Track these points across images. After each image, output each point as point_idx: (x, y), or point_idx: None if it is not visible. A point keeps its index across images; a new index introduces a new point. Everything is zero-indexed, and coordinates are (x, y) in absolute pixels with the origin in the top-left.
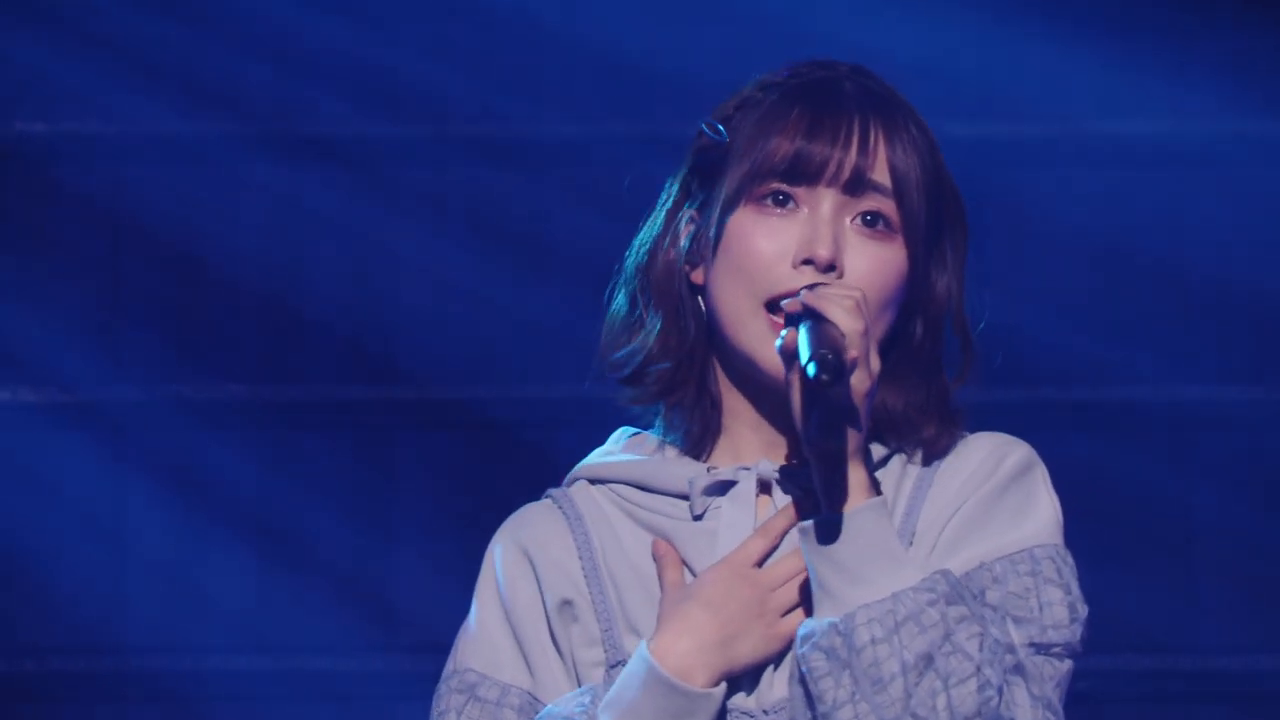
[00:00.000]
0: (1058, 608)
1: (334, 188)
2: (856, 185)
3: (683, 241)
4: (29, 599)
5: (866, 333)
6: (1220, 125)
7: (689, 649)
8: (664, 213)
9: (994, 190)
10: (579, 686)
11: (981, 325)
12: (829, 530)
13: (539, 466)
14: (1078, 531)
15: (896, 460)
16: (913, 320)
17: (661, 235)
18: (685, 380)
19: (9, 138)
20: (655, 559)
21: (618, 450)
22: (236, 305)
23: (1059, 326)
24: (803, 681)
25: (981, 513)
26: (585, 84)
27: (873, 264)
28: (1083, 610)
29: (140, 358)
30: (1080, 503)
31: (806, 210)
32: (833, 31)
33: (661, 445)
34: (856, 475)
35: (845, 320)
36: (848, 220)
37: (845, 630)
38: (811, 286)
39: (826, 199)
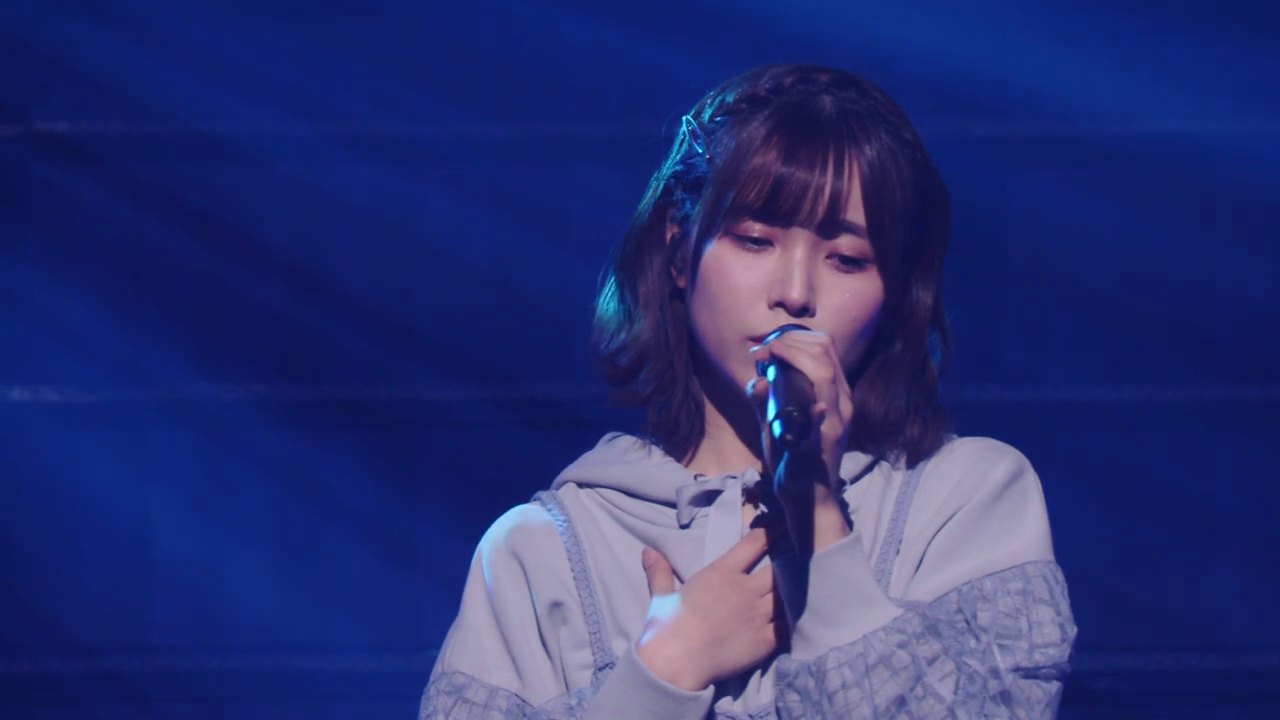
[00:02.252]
0: (1048, 627)
1: (357, 186)
2: (830, 227)
3: (667, 245)
4: (51, 599)
5: (835, 380)
6: (1241, 126)
7: (677, 652)
8: (649, 213)
9: (1013, 190)
10: (567, 689)
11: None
12: (800, 572)
13: (561, 466)
14: (1100, 533)
15: (879, 469)
16: (892, 336)
17: (646, 237)
18: (672, 383)
19: (31, 137)
20: (645, 568)
21: (605, 455)
22: (259, 305)
23: (1078, 326)
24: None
25: (971, 525)
26: (608, 82)
27: (847, 299)
28: (1072, 631)
29: (163, 357)
30: (1102, 503)
31: (780, 248)
32: (850, 29)
33: (646, 448)
34: (828, 517)
35: (813, 369)
36: (822, 257)
37: (817, 673)
38: (783, 331)
39: (800, 239)
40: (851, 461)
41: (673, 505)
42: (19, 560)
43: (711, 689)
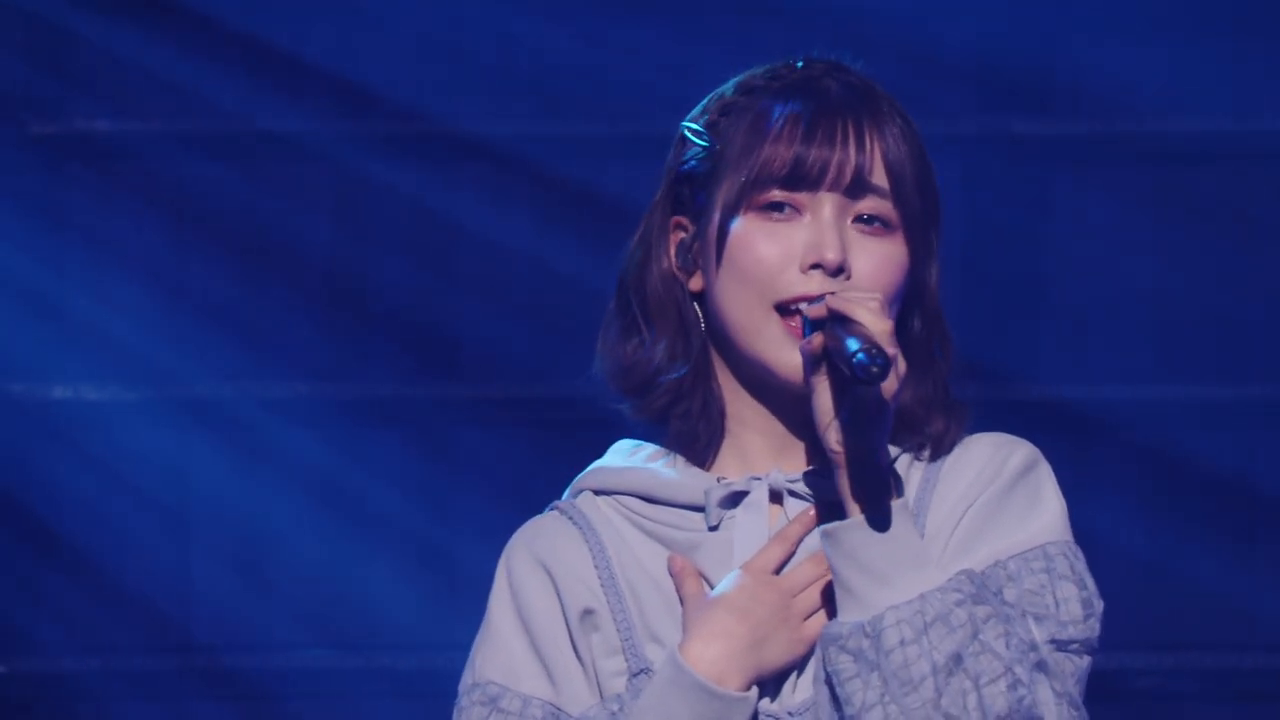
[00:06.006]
0: (1073, 604)
1: (397, 183)
2: (857, 188)
3: (675, 249)
4: (93, 596)
5: (894, 333)
6: None
7: (720, 654)
8: (655, 221)
9: (1054, 188)
10: (600, 696)
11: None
12: (854, 532)
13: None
14: (1141, 531)
15: (903, 460)
16: (912, 314)
17: (654, 244)
18: (692, 389)
19: (74, 135)
20: (672, 574)
21: (620, 461)
22: (299, 304)
23: (1120, 324)
24: (829, 683)
25: (990, 513)
26: (647, 81)
27: (878, 262)
28: (1098, 605)
29: (203, 356)
30: (1142, 501)
31: (809, 215)
32: (893, 26)
33: (665, 454)
34: (880, 477)
35: (873, 321)
36: (849, 221)
37: (873, 632)
38: (832, 293)
39: (828, 203)
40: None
41: (696, 509)
42: (59, 558)
43: (756, 689)
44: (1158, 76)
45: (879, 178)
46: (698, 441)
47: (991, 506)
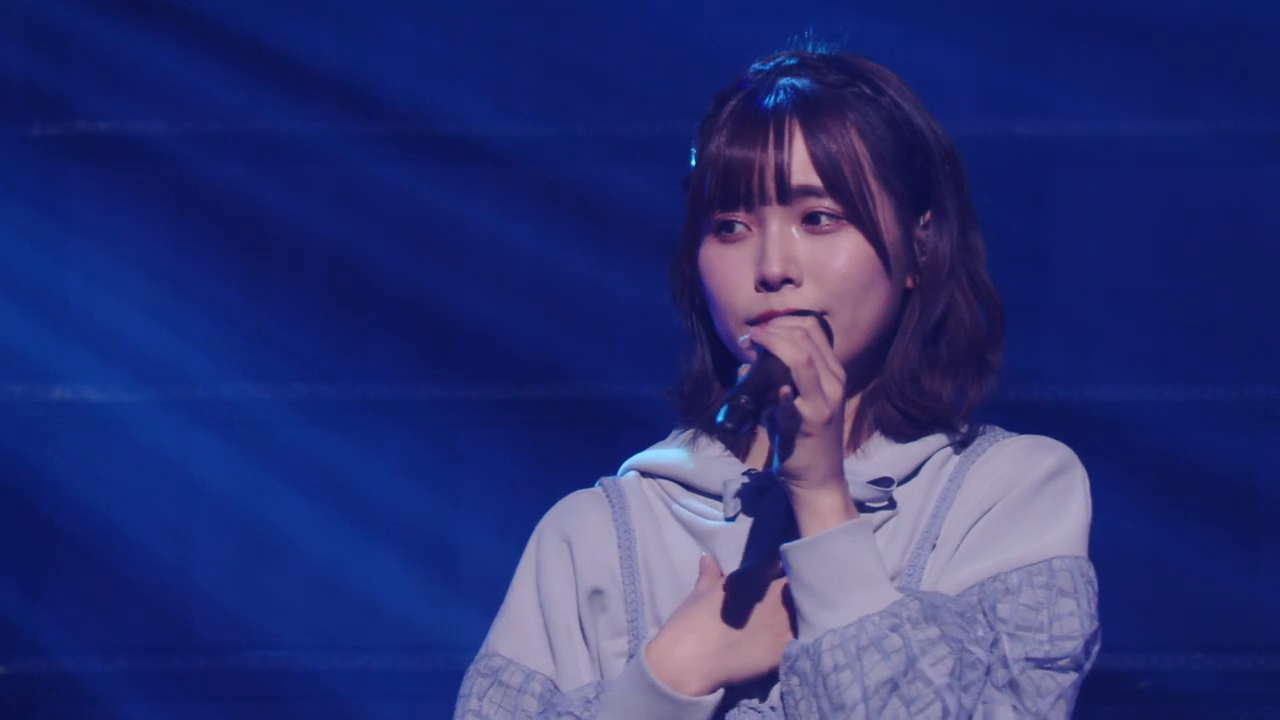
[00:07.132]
0: (1068, 620)
1: (398, 183)
2: (785, 195)
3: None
4: (93, 597)
5: (813, 363)
6: None
7: (688, 654)
8: (682, 242)
9: (1055, 189)
10: (602, 676)
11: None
12: (801, 554)
13: (601, 466)
14: (1143, 532)
15: (936, 459)
16: (912, 290)
17: (682, 266)
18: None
19: (75, 136)
20: (700, 569)
21: (669, 445)
22: (300, 304)
23: (1120, 325)
24: (784, 701)
25: (1006, 519)
26: (654, 81)
27: (830, 261)
28: (1091, 626)
29: (203, 357)
30: (1144, 503)
31: (757, 230)
32: (893, 29)
33: (710, 443)
34: (829, 499)
35: (789, 352)
36: (794, 228)
37: (814, 655)
38: (766, 321)
39: (768, 215)
40: (902, 461)
41: (721, 498)
42: (60, 558)
43: (719, 693)
44: (1154, 78)
45: (806, 176)
46: (726, 439)
47: (1009, 513)
